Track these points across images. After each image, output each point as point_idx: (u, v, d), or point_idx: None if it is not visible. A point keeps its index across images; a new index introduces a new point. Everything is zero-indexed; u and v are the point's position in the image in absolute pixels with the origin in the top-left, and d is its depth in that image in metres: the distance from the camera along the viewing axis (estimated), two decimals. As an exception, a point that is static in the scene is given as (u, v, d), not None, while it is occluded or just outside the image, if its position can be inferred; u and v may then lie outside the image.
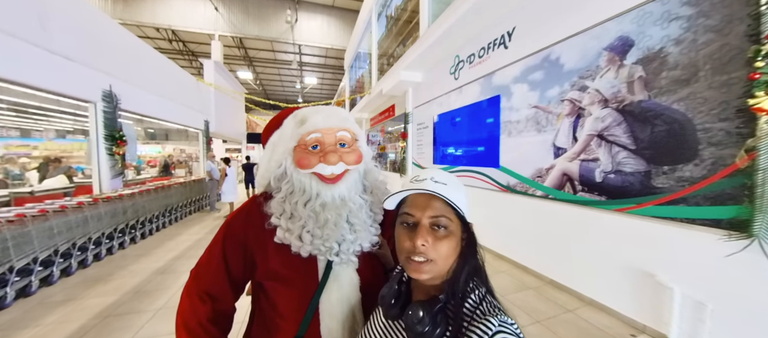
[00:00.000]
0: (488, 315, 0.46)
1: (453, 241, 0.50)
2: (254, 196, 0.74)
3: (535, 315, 2.33)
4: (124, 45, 5.12)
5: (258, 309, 0.73)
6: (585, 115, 2.49)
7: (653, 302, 1.97)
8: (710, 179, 1.71)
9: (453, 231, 0.51)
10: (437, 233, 0.50)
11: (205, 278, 0.69)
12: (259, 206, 0.69)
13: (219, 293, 0.68)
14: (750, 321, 1.57)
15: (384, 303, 0.56)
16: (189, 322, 0.65)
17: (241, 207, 0.73)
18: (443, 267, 0.50)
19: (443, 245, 0.49)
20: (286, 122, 0.72)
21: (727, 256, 1.58)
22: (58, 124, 7.79)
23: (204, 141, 8.33)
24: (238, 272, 0.69)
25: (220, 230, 0.71)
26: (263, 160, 0.75)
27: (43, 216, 2.90)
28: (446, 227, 0.50)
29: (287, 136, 0.69)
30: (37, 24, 3.40)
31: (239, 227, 0.70)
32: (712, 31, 1.72)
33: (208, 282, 0.69)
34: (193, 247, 4.22)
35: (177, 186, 6.01)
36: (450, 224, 0.50)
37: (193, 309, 0.66)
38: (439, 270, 0.50)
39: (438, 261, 0.50)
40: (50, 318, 2.31)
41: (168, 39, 12.20)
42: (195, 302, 0.67)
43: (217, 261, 0.69)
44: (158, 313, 2.39)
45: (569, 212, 2.63)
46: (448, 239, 0.50)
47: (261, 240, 0.67)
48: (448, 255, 0.50)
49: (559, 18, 2.74)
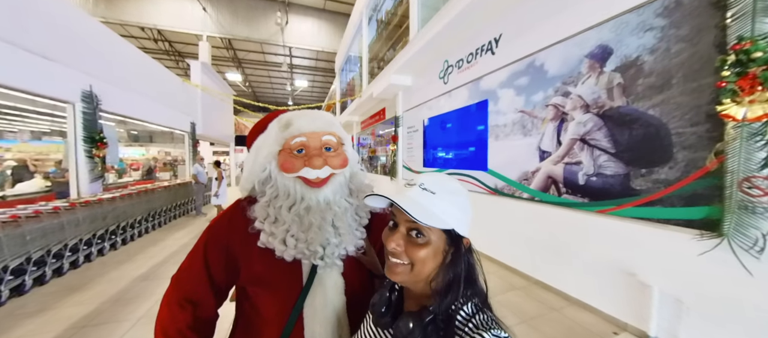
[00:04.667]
0: (480, 328, 0.45)
1: (431, 250, 0.49)
2: (238, 200, 0.73)
3: (522, 314, 2.37)
4: (105, 44, 4.96)
5: (241, 315, 0.72)
6: (568, 119, 2.57)
7: (634, 300, 2.04)
8: (684, 181, 1.79)
9: (432, 241, 0.49)
10: (414, 239, 0.49)
11: (186, 284, 0.68)
12: (243, 210, 0.69)
13: (200, 299, 0.67)
14: (724, 315, 1.65)
15: (375, 311, 0.55)
16: (167, 330, 0.63)
17: (224, 212, 0.73)
18: (419, 273, 0.49)
19: (419, 251, 0.49)
20: (271, 125, 0.72)
21: (700, 254, 1.65)
22: (33, 125, 7.43)
23: (190, 143, 8.12)
24: (221, 277, 0.68)
25: (202, 234, 0.70)
26: (247, 163, 0.75)
27: (14, 222, 2.76)
28: (424, 235, 0.49)
29: (272, 139, 0.69)
30: (11, 21, 3.25)
31: (222, 231, 0.69)
32: (683, 41, 1.81)
33: (189, 287, 0.67)
34: (177, 252, 4.10)
35: (161, 190, 5.82)
36: (428, 234, 0.49)
37: (172, 316, 0.65)
38: (414, 275, 0.49)
39: (414, 266, 0.49)
40: (20, 330, 2.18)
41: (153, 39, 11.89)
42: (174, 309, 0.65)
43: (198, 266, 0.67)
44: (139, 322, 2.30)
45: (554, 214, 2.70)
46: (425, 247, 0.49)
47: (244, 245, 0.66)
48: (424, 262, 0.49)
49: (543, 26, 2.83)
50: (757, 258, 1.46)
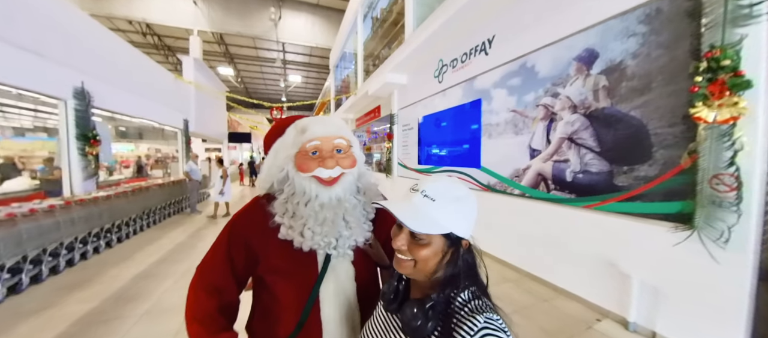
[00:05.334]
0: (475, 312, 0.50)
1: (431, 250, 0.54)
2: (257, 197, 0.81)
3: (514, 305, 2.51)
4: (97, 40, 4.87)
5: (259, 302, 0.79)
6: (557, 119, 2.70)
7: (616, 289, 2.19)
8: (661, 178, 1.93)
9: (432, 242, 0.54)
10: (416, 241, 0.55)
11: (211, 273, 0.75)
12: (262, 207, 0.76)
13: (224, 286, 0.75)
14: (694, 300, 1.80)
15: (385, 299, 0.63)
16: (198, 315, 0.71)
17: (245, 208, 0.80)
18: (423, 269, 0.55)
19: (421, 251, 0.54)
20: (288, 130, 0.80)
21: (674, 246, 1.80)
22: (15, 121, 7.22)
23: (183, 140, 8.03)
24: (241, 267, 0.75)
25: (224, 228, 0.77)
26: (266, 164, 0.82)
27: (10, 221, 2.75)
28: (425, 238, 0.54)
29: (289, 143, 0.77)
30: (2, 17, 3.19)
31: (243, 226, 0.76)
32: (662, 47, 1.94)
33: (214, 277, 0.75)
34: (175, 251, 4.10)
35: (155, 188, 5.79)
36: (428, 237, 0.54)
37: (200, 302, 0.72)
38: (418, 271, 0.56)
39: (417, 263, 0.55)
40: (24, 327, 2.21)
41: (142, 32, 11.61)
42: (201, 296, 0.73)
43: (221, 257, 0.75)
44: (142, 319, 2.34)
45: (544, 210, 2.83)
46: (426, 247, 0.54)
47: (263, 237, 0.74)
48: (426, 260, 0.54)
49: (535, 28, 2.94)
50: (723, 248, 1.61)
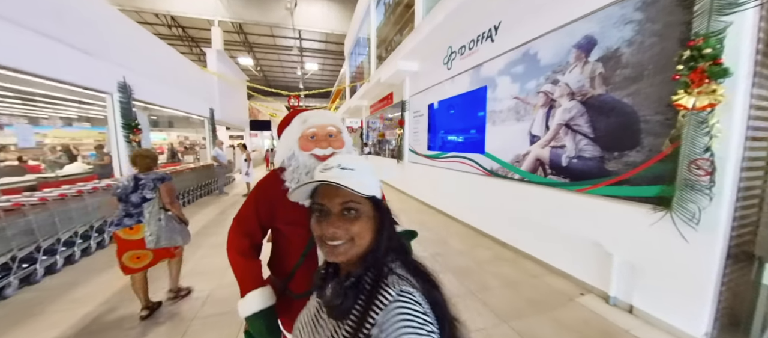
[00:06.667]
0: (391, 285, 0.49)
1: (364, 221, 0.54)
2: (274, 170, 1.10)
3: (507, 280, 2.72)
4: (134, 37, 5.37)
5: (276, 246, 1.11)
6: (556, 106, 2.78)
7: (599, 266, 2.35)
8: (647, 163, 2.03)
9: (364, 212, 0.54)
10: (348, 217, 0.53)
11: (244, 223, 1.06)
12: (277, 176, 1.06)
13: (253, 232, 1.05)
14: (669, 277, 1.94)
15: (315, 285, 0.61)
16: (239, 248, 1.03)
17: (266, 177, 1.10)
18: (360, 246, 0.54)
19: (355, 225, 0.53)
20: (294, 120, 1.08)
21: (650, 226, 1.92)
22: (62, 112, 8.05)
23: (210, 128, 8.65)
24: (264, 218, 1.06)
25: (252, 191, 1.08)
26: (279, 146, 1.11)
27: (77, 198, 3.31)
28: (356, 210, 0.53)
29: (294, 130, 1.05)
30: (55, 21, 3.67)
31: (264, 189, 1.06)
32: (655, 35, 1.98)
33: (246, 225, 1.06)
34: (207, 226, 4.65)
35: (188, 172, 6.41)
36: (360, 207, 0.54)
37: (239, 241, 1.04)
38: (356, 250, 0.54)
39: (355, 241, 0.53)
40: (93, 282, 2.73)
41: (167, 25, 12.26)
42: (239, 237, 1.04)
43: (251, 211, 1.06)
44: (184, 278, 2.81)
45: (541, 194, 2.97)
46: (359, 220, 0.53)
47: (280, 198, 1.02)
48: (363, 234, 0.54)
49: (539, 14, 2.97)
50: (694, 229, 1.73)
